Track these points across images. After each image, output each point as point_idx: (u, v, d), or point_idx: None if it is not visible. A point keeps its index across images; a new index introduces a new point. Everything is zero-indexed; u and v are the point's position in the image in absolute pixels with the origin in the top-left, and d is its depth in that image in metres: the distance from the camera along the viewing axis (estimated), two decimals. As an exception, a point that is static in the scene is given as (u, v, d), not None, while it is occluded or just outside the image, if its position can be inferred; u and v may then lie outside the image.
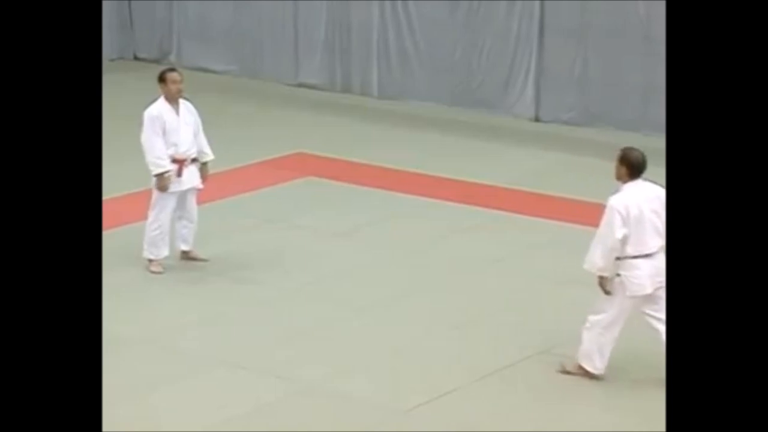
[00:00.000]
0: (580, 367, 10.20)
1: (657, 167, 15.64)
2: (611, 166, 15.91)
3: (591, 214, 14.18)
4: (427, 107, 18.38)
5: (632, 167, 10.13)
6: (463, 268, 12.77)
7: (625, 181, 10.13)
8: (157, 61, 19.93)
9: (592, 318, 10.12)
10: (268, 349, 11.01)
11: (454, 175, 15.55)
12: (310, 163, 16.08)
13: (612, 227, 9.91)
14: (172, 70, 12.81)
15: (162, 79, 12.54)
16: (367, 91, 19.16)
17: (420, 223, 14.05)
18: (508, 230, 13.84)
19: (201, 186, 12.70)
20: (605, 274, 9.94)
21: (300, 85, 19.58)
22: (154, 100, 12.52)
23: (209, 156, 12.72)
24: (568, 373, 10.26)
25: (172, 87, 12.45)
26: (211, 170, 12.82)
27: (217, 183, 13.29)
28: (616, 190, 10.15)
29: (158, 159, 12.32)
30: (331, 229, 13.87)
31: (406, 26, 18.73)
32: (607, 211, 10.00)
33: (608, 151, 16.43)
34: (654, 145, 16.63)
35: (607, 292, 9.97)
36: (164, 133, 12.36)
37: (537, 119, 17.91)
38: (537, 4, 17.70)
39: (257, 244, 13.43)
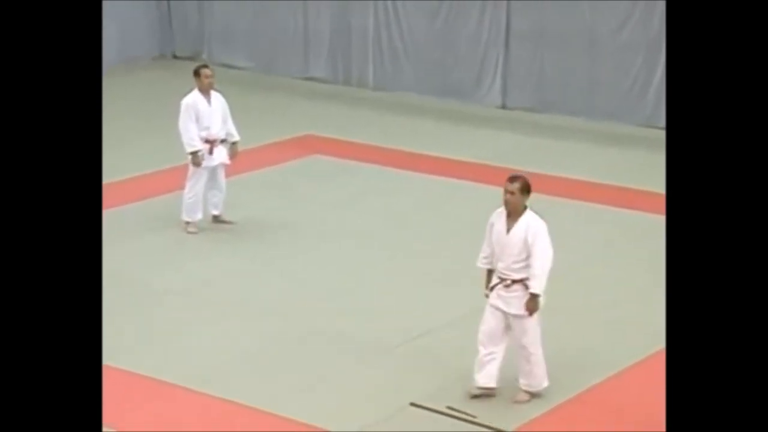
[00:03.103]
0: (532, 395, 8.96)
1: (610, 147, 15.86)
2: (563, 145, 16.07)
3: (548, 184, 14.28)
4: (414, 97, 18.36)
5: (530, 194, 8.78)
6: (441, 230, 12.81)
7: (525, 207, 8.75)
8: (191, 59, 19.86)
9: (534, 348, 8.79)
10: (281, 297, 11.05)
11: (435, 153, 15.56)
12: (317, 143, 16.08)
13: (550, 248, 8.75)
14: (205, 66, 12.81)
15: (197, 73, 12.54)
16: (364, 83, 19.13)
17: (407, 193, 14.08)
18: (479, 198, 13.87)
19: (228, 162, 12.73)
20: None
21: (308, 79, 19.54)
22: (190, 91, 12.52)
23: (236, 137, 12.73)
24: (525, 401, 8.92)
25: (205, 80, 12.46)
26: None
27: (241, 160, 13.29)
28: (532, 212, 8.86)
29: (192, 140, 12.35)
30: (335, 198, 13.89)
31: (396, 31, 18.71)
32: (545, 235, 8.67)
33: (561, 132, 16.57)
34: (597, 129, 16.76)
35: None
36: (197, 118, 12.38)
37: (503, 107, 17.91)
38: (504, 14, 17.71)
39: (274, 209, 13.46)
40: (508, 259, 8.68)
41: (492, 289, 8.82)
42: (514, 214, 8.69)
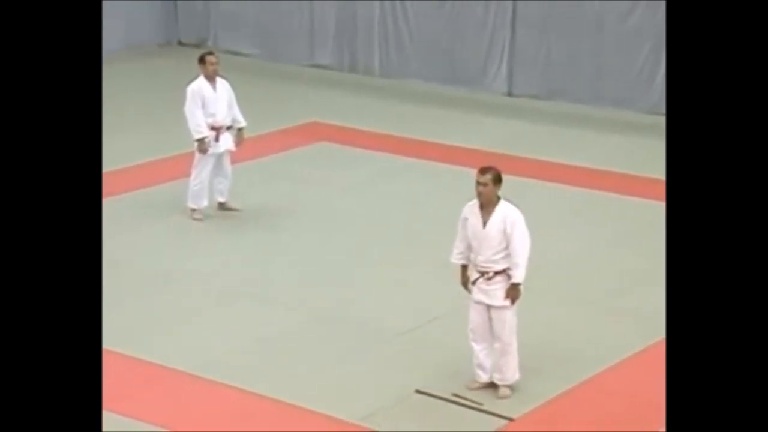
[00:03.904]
0: (511, 387, 8.91)
1: (616, 134, 15.88)
2: (570, 132, 16.09)
3: (554, 171, 14.32)
4: (420, 84, 18.38)
5: (501, 183, 8.68)
6: (447, 217, 12.78)
7: (498, 197, 8.67)
8: (196, 46, 19.90)
9: (511, 339, 8.75)
10: (286, 284, 11.08)
11: (441, 140, 15.58)
12: (323, 130, 16.10)
13: (528, 236, 8.68)
14: (210, 53, 12.83)
15: (202, 60, 12.56)
16: (369, 71, 19.14)
17: (413, 180, 14.10)
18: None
19: (234, 149, 12.76)
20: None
21: (314, 66, 19.56)
22: (195, 77, 12.54)
23: (242, 123, 12.76)
24: (507, 397, 8.86)
25: (210, 67, 12.48)
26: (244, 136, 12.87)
27: (247, 147, 13.31)
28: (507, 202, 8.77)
29: (198, 126, 12.37)
30: (341, 184, 13.92)
31: (402, 18, 18.72)
32: (522, 224, 8.61)
33: (567, 120, 16.57)
34: (604, 116, 16.76)
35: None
36: (203, 105, 12.40)
37: (509, 94, 17.92)
38: (510, 0, 17.71)
39: (281, 196, 13.48)
40: (487, 252, 8.64)
41: (474, 283, 8.80)
42: (488, 205, 8.64)
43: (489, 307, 8.79)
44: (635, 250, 11.82)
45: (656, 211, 12.42)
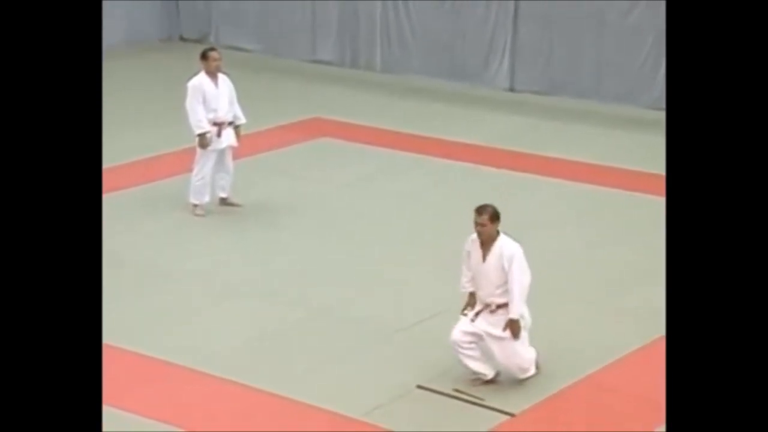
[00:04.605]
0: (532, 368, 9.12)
1: (618, 129, 15.87)
2: (572, 128, 16.08)
3: (556, 167, 14.31)
4: (421, 80, 18.37)
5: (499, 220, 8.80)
6: (448, 213, 12.82)
7: (497, 232, 8.77)
8: (198, 41, 19.90)
9: (531, 367, 9.01)
10: (288, 279, 11.08)
11: (443, 136, 15.58)
12: (325, 126, 16.10)
13: (527, 270, 8.78)
14: (213, 49, 12.85)
15: (204, 56, 12.57)
16: (371, 66, 19.14)
17: (415, 176, 14.09)
18: (486, 182, 13.88)
19: (236, 144, 12.76)
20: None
21: (316, 62, 19.56)
22: (196, 73, 12.54)
23: (242, 120, 12.76)
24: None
25: (212, 63, 12.49)
26: (244, 132, 12.86)
27: (249, 142, 13.33)
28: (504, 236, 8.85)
29: (200, 122, 12.38)
30: (343, 180, 13.92)
31: (404, 13, 18.72)
32: (520, 258, 8.68)
33: (569, 115, 16.56)
34: (606, 111, 16.76)
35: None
36: (204, 101, 12.40)
37: (511, 89, 17.92)
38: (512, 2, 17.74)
39: (282, 192, 13.49)
40: (488, 287, 8.79)
41: (477, 314, 8.89)
42: (488, 242, 8.79)
43: (492, 337, 8.85)
44: (636, 248, 11.81)
45: (658, 207, 12.42)
